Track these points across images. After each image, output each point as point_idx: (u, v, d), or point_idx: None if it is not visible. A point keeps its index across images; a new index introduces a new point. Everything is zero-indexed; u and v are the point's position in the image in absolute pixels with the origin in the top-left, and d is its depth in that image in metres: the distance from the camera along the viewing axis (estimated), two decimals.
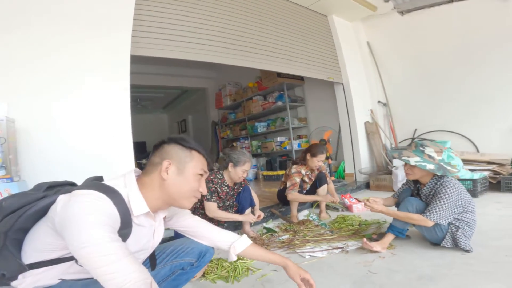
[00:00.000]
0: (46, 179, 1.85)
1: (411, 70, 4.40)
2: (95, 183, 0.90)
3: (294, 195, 2.71)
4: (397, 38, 4.49)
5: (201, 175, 0.99)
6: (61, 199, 0.84)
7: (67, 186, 0.99)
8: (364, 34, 4.82)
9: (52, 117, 2.06)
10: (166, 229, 1.08)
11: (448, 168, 1.74)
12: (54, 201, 0.87)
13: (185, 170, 0.96)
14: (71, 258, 0.87)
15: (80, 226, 0.75)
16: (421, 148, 1.82)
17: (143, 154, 5.75)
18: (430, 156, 1.77)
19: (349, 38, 4.62)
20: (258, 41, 3.44)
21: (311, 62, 4.06)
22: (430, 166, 1.74)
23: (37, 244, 0.87)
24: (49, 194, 0.93)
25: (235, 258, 1.17)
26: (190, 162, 0.97)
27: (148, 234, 1.00)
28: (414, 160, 1.78)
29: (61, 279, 0.90)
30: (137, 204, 0.92)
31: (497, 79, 3.59)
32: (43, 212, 0.89)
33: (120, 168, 2.25)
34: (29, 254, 0.88)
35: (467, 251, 1.66)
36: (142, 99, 8.85)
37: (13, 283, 0.89)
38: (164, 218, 1.08)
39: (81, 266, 0.85)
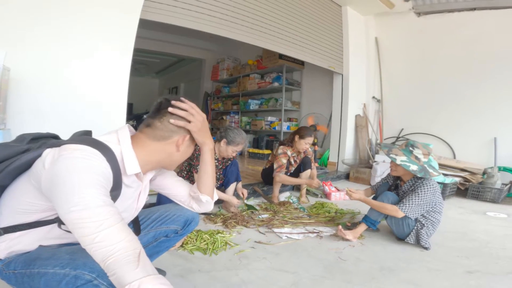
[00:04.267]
0: (32, 129, 1.87)
1: (411, 72, 4.48)
2: (87, 138, 0.82)
3: (281, 178, 2.79)
4: (406, 39, 4.52)
5: None
6: (49, 153, 0.76)
7: (52, 139, 0.91)
8: (374, 29, 4.82)
9: (50, 68, 2.04)
10: (150, 192, 1.09)
11: (430, 170, 1.85)
12: (39, 155, 0.78)
13: (192, 143, 0.98)
14: (51, 222, 0.81)
15: (73, 186, 0.69)
16: (410, 149, 1.92)
17: (129, 116, 5.73)
18: (416, 158, 1.88)
19: (358, 31, 4.61)
20: (267, 21, 3.42)
21: (315, 48, 4.08)
22: (413, 167, 1.84)
23: (15, 204, 0.80)
24: (33, 147, 0.83)
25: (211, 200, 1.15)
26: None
27: (134, 195, 0.97)
28: (400, 159, 1.88)
29: (40, 245, 0.83)
30: (131, 163, 0.86)
31: (490, 94, 3.76)
32: (25, 167, 0.80)
33: (111, 125, 2.28)
34: (5, 216, 0.81)
35: (426, 248, 1.84)
36: (136, 62, 8.71)
37: None
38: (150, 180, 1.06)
39: (62, 230, 0.82)
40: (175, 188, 1.15)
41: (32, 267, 0.78)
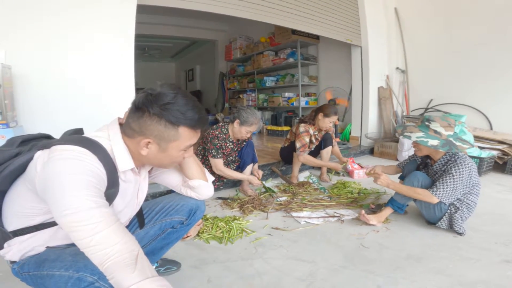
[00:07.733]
0: (45, 123, 1.93)
1: (438, 40, 4.05)
2: (76, 137, 0.80)
3: (306, 158, 2.68)
4: (431, 6, 4.06)
5: (185, 150, 0.89)
6: (39, 156, 0.76)
7: (43, 140, 0.89)
8: None
9: (51, 62, 2.00)
10: (150, 183, 1.06)
11: (458, 143, 1.63)
12: (31, 158, 0.78)
13: (168, 148, 0.84)
14: (55, 223, 0.82)
15: (63, 189, 0.68)
16: (427, 123, 1.71)
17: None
18: (436, 132, 1.66)
19: (375, 2, 4.23)
20: None
21: (330, 22, 3.80)
22: (432, 142, 1.63)
23: (17, 208, 0.80)
24: (24, 150, 0.83)
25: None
26: (175, 142, 0.83)
27: (134, 190, 0.95)
28: (416, 135, 1.68)
29: (47, 246, 0.84)
30: (123, 159, 0.83)
31: None
32: (20, 171, 0.80)
33: (122, 113, 2.27)
34: (10, 220, 0.81)
35: (460, 234, 1.66)
36: (150, 48, 8.78)
37: (0, 252, 0.84)
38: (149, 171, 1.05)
39: None
40: (168, 178, 1.13)
41: (41, 269, 0.80)
